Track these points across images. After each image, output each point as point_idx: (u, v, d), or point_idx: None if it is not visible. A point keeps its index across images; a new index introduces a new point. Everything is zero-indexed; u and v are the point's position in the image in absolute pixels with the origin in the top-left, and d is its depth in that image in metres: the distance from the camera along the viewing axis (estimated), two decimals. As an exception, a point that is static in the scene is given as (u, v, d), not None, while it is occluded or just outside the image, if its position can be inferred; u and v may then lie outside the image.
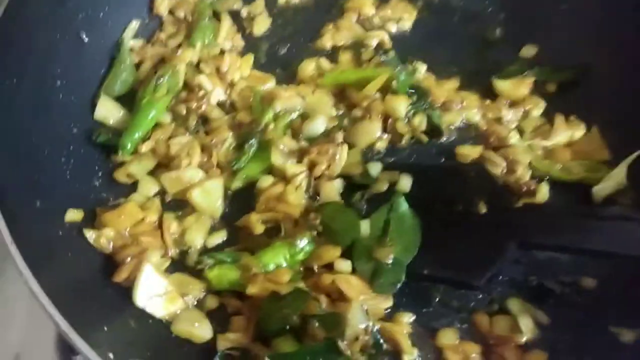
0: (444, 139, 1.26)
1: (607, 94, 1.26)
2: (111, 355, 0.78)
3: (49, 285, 0.79)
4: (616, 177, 1.17)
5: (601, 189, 1.17)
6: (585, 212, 1.04)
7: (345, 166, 1.15)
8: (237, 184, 1.11)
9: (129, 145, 1.11)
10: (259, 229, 1.03)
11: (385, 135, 1.22)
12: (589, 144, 1.27)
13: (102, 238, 1.00)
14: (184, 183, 1.08)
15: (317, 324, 0.90)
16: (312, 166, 1.13)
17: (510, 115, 1.28)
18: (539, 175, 1.20)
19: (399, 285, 0.98)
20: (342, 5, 1.46)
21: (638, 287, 1.02)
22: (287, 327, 0.91)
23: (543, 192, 1.16)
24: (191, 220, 1.05)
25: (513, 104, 1.31)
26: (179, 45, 1.29)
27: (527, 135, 1.27)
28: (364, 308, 0.93)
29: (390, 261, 0.99)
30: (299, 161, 1.15)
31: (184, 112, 1.18)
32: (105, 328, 0.86)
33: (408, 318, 1.00)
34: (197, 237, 1.05)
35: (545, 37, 1.39)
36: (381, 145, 1.22)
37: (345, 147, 1.14)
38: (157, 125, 1.17)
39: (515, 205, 1.05)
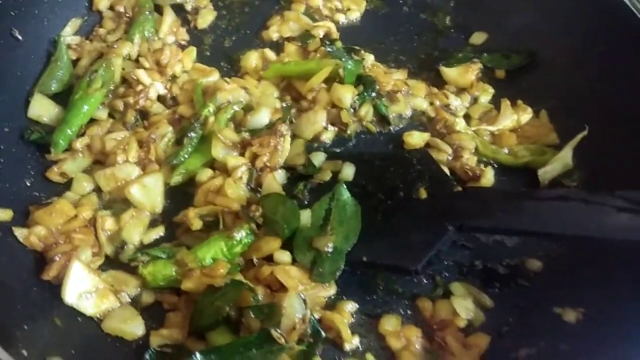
0: (392, 127, 1.24)
1: (555, 79, 1.27)
2: (25, 353, 0.75)
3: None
4: (562, 160, 1.18)
5: (547, 172, 1.17)
6: (523, 194, 1.03)
7: (289, 157, 1.14)
8: (176, 179, 1.09)
9: (61, 143, 1.07)
10: (197, 224, 1.01)
11: (331, 127, 1.20)
12: (537, 128, 1.27)
13: (32, 236, 0.98)
14: (120, 180, 1.06)
15: (252, 315, 0.87)
16: (254, 158, 1.11)
17: (457, 102, 1.28)
18: (486, 160, 1.20)
19: (338, 274, 0.96)
20: (289, -1, 1.44)
21: (580, 267, 1.02)
22: (222, 320, 0.89)
23: (488, 177, 1.16)
24: (128, 217, 1.02)
25: (461, 91, 1.30)
26: (119, 40, 1.26)
27: (474, 121, 1.27)
28: (302, 297, 0.90)
29: (330, 250, 0.96)
30: (242, 154, 1.12)
31: (122, 107, 1.15)
32: (26, 327, 0.84)
33: (350, 306, 0.98)
34: (134, 234, 1.02)
35: (494, 25, 1.39)
36: (328, 136, 1.20)
37: (288, 138, 1.13)
38: (93, 122, 1.14)
39: (456, 189, 1.02)
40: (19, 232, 0.97)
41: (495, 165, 1.20)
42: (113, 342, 0.92)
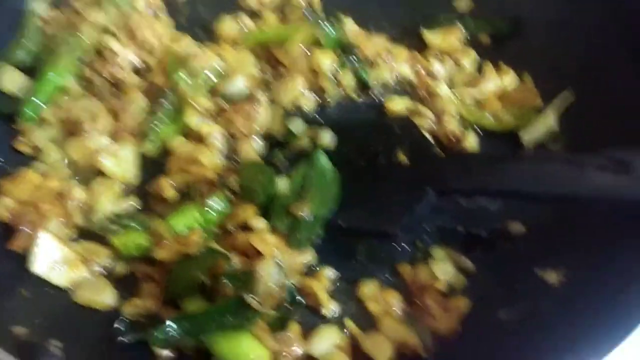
0: (373, 94, 1.22)
1: (539, 43, 1.25)
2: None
3: None
4: (545, 122, 1.16)
5: (531, 135, 1.16)
6: (504, 156, 1.02)
7: (267, 125, 1.11)
8: (149, 147, 1.07)
9: (30, 113, 1.04)
10: (170, 193, 0.99)
11: (310, 94, 1.18)
12: (522, 92, 1.26)
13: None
14: (90, 149, 1.03)
15: (227, 282, 0.86)
16: (230, 126, 1.08)
17: (439, 67, 1.26)
18: (469, 125, 1.18)
19: (315, 240, 0.94)
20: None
21: (562, 230, 1.01)
22: (197, 288, 0.87)
23: (470, 141, 1.15)
24: (99, 187, 1.00)
25: (444, 56, 1.27)
26: (91, 10, 1.22)
27: (458, 86, 1.24)
28: (278, 264, 0.88)
29: (306, 216, 0.94)
30: (217, 122, 1.09)
31: (94, 77, 1.12)
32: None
33: (329, 273, 0.97)
34: (106, 204, 1.00)
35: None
36: (307, 103, 1.18)
37: (264, 104, 1.10)
38: (63, 92, 1.10)
39: (436, 153, 1.00)
40: (-14, 204, 0.94)
41: (480, 132, 1.18)
42: (84, 313, 0.90)
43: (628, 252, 0.88)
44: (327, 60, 1.17)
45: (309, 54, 1.18)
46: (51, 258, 0.89)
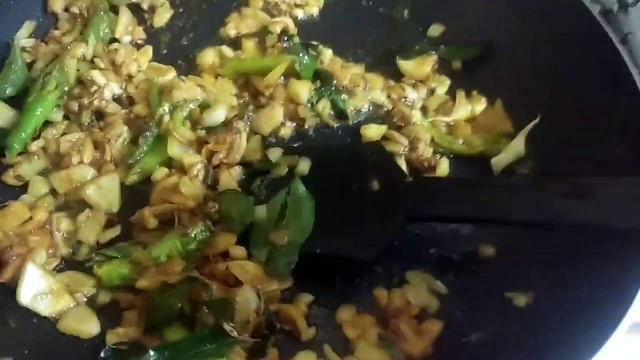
0: (350, 121, 1.26)
1: (510, 70, 1.29)
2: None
3: None
4: (515, 148, 1.21)
5: (500, 160, 1.20)
6: (471, 182, 1.06)
7: (246, 154, 1.15)
8: (132, 178, 1.10)
9: (16, 146, 1.07)
10: (153, 223, 1.02)
11: (289, 122, 1.22)
12: (492, 117, 1.30)
13: (-14, 239, 0.97)
14: (75, 182, 1.06)
15: (206, 310, 0.89)
16: (210, 156, 1.12)
17: (414, 95, 1.30)
18: (442, 151, 1.22)
19: (292, 267, 0.97)
20: (246, -7, 1.45)
21: (531, 253, 1.05)
22: (177, 316, 0.90)
23: (443, 168, 1.19)
24: (84, 218, 1.03)
25: (418, 84, 1.32)
26: (74, 42, 1.26)
27: (431, 113, 1.29)
28: (256, 291, 0.92)
29: (284, 244, 0.98)
30: (198, 152, 1.13)
31: (77, 109, 1.15)
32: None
33: (306, 299, 1.00)
34: (90, 235, 1.03)
35: (451, 17, 1.41)
36: (286, 132, 1.22)
37: (244, 135, 1.14)
38: (48, 124, 1.14)
39: (407, 180, 1.05)
40: (-26, 237, 0.97)
41: (451, 156, 1.22)
42: (69, 342, 0.93)
43: (595, 275, 0.92)
44: (305, 90, 1.21)
45: (286, 83, 1.21)
46: (37, 289, 0.92)
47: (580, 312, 0.90)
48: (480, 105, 1.28)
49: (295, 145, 1.22)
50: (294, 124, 1.24)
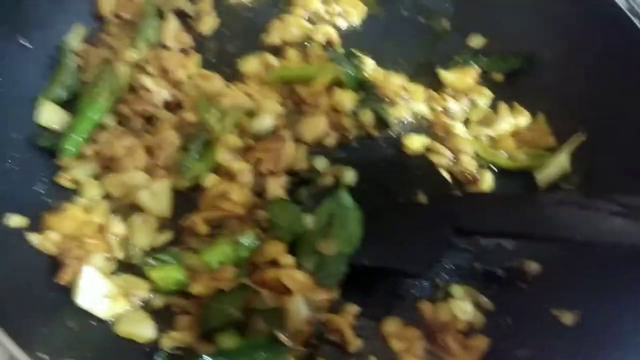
0: (392, 131, 1.27)
1: (552, 82, 1.30)
2: (45, 357, 0.78)
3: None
4: (559, 163, 1.21)
5: (544, 175, 1.20)
6: (520, 198, 1.06)
7: (291, 162, 1.16)
8: (183, 184, 1.11)
9: (69, 149, 1.09)
10: (203, 229, 1.04)
11: (332, 131, 1.23)
12: (535, 131, 1.30)
13: (46, 241, 1.00)
14: (128, 186, 1.08)
15: (259, 319, 0.90)
16: (257, 163, 1.13)
17: (455, 106, 1.31)
18: (484, 163, 1.23)
19: (341, 277, 0.98)
20: (290, 1, 1.46)
21: (578, 270, 1.05)
22: (230, 323, 0.92)
23: (487, 181, 1.20)
24: (137, 222, 1.05)
25: (459, 95, 1.32)
26: (124, 47, 1.28)
27: (473, 125, 1.29)
28: (307, 301, 0.93)
29: (332, 254, 0.99)
30: (245, 159, 1.14)
31: (129, 113, 1.17)
32: (43, 330, 0.87)
33: (353, 309, 1.01)
34: (143, 238, 1.05)
35: (492, 28, 1.41)
36: (330, 141, 1.23)
37: (291, 143, 1.15)
38: (101, 128, 1.16)
39: (454, 194, 1.05)
40: (34, 238, 0.99)
41: (494, 169, 1.22)
42: (125, 345, 0.94)
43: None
44: (349, 100, 1.22)
45: (330, 92, 1.22)
46: (95, 291, 0.94)
47: (627, 331, 0.90)
48: (523, 118, 1.28)
49: (339, 155, 1.22)
50: (337, 134, 1.25)
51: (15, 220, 1.01)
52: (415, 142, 1.24)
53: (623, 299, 0.95)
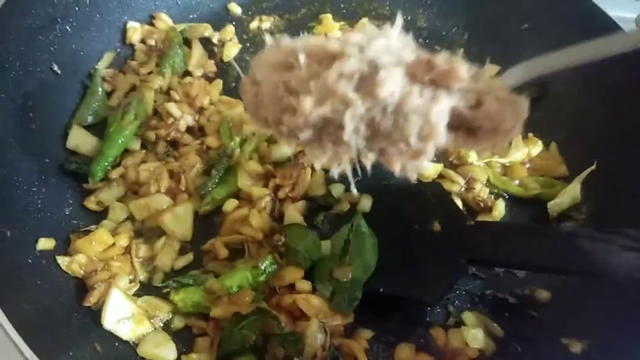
0: (407, 159, 1.30)
1: (565, 112, 1.32)
2: (74, 380, 0.82)
3: (14, 314, 0.83)
4: (570, 193, 1.23)
5: (556, 205, 1.22)
6: (531, 229, 1.09)
7: (309, 188, 1.19)
8: (205, 208, 1.15)
9: (98, 173, 1.14)
10: (224, 253, 1.08)
11: (347, 157, 1.26)
12: (547, 160, 1.33)
13: (74, 264, 1.04)
14: (152, 209, 1.12)
15: (276, 343, 0.94)
16: (277, 189, 1.17)
17: (470, 134, 1.33)
18: (497, 192, 1.25)
19: (356, 304, 1.01)
20: (311, 30, 1.51)
21: (587, 299, 1.07)
22: (248, 346, 0.95)
23: (499, 209, 1.22)
24: (160, 244, 1.09)
25: (474, 123, 1.35)
26: (150, 73, 1.33)
27: (486, 153, 1.32)
28: (322, 326, 0.96)
29: (348, 280, 1.02)
30: (265, 184, 1.18)
31: (154, 138, 1.22)
32: (71, 353, 0.90)
33: (367, 334, 1.04)
34: (166, 261, 1.09)
35: (506, 57, 1.41)
36: (347, 167, 1.25)
37: (309, 170, 1.19)
38: (127, 152, 1.21)
39: (468, 223, 1.08)
40: (62, 260, 1.04)
41: (506, 197, 1.25)
42: (148, 366, 0.98)
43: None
44: (365, 127, 1.25)
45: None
46: (120, 314, 0.98)
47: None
48: (536, 147, 1.30)
49: (355, 182, 1.25)
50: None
51: (44, 244, 1.05)
52: (430, 170, 1.26)
53: (631, 329, 0.97)
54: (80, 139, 1.20)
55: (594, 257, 0.95)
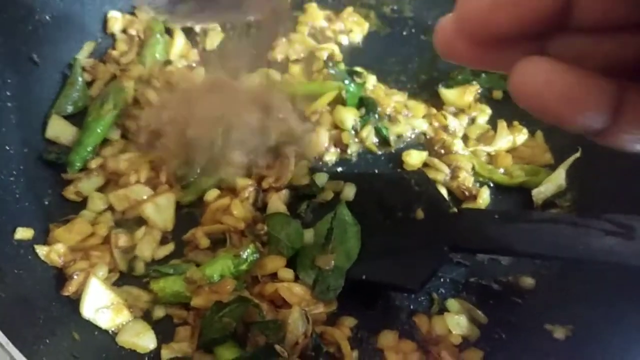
0: (392, 148, 1.30)
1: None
2: (49, 366, 0.81)
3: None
4: (555, 180, 1.23)
5: (540, 192, 1.22)
6: (514, 216, 1.08)
7: (293, 178, 1.19)
8: (188, 198, 1.14)
9: (77, 163, 1.13)
10: (205, 243, 1.06)
11: (333, 148, 1.26)
12: (533, 148, 1.32)
13: (52, 253, 1.03)
14: (131, 200, 1.11)
15: (258, 331, 0.93)
16: (260, 179, 1.16)
17: (455, 123, 1.33)
18: (482, 180, 1.25)
19: (338, 291, 1.01)
20: (296, 18, 1.50)
21: (571, 285, 1.07)
22: (229, 335, 0.94)
23: (484, 197, 1.21)
24: (141, 234, 1.08)
25: (459, 112, 1.35)
26: (131, 63, 1.32)
27: (471, 142, 1.32)
28: (305, 313, 0.96)
29: (331, 268, 1.01)
30: (248, 174, 1.17)
31: (134, 127, 1.20)
32: (48, 341, 0.89)
33: (350, 322, 1.03)
34: (146, 251, 1.08)
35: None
36: (330, 157, 1.26)
37: (293, 160, 1.18)
38: (106, 142, 1.19)
39: (451, 210, 1.08)
40: (40, 250, 1.03)
41: (491, 185, 1.25)
42: (127, 355, 0.97)
43: (634, 313, 0.94)
44: (350, 117, 1.25)
45: (332, 109, 1.26)
46: (99, 303, 0.97)
47: (618, 347, 0.92)
48: (522, 135, 1.30)
49: (339, 170, 1.25)
50: (338, 150, 1.27)
51: (22, 233, 1.03)
52: (414, 158, 1.26)
53: (614, 315, 0.97)
54: (59, 129, 1.19)
55: (576, 242, 0.95)
